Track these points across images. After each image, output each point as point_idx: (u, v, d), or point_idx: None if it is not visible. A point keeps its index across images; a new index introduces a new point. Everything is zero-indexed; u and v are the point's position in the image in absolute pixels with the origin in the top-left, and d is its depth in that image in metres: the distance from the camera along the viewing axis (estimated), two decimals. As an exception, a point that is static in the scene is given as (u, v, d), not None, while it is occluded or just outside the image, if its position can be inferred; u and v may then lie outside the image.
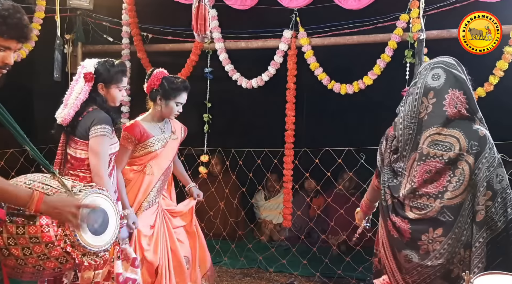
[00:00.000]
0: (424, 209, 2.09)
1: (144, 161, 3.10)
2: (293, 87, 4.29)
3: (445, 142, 2.08)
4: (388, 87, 4.05)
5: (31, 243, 1.90)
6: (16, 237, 1.90)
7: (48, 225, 1.91)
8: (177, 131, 3.26)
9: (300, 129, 4.13)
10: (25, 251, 1.91)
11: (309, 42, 4.19)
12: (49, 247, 1.91)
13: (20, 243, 1.91)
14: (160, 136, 3.13)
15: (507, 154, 3.60)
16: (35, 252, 1.92)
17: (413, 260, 2.12)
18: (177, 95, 3.09)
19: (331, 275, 4.36)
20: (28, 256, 1.92)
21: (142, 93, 3.27)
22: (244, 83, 4.47)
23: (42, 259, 1.94)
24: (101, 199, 2.10)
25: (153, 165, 3.11)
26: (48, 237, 1.91)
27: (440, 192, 2.07)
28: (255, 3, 4.20)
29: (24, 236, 1.90)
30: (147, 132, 3.07)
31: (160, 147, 3.11)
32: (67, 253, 1.94)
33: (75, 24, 4.84)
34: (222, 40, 4.49)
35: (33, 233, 1.90)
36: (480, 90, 3.55)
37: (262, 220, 5.79)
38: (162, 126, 3.17)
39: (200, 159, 4.51)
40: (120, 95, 2.83)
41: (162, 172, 3.14)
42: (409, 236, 2.12)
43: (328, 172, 4.28)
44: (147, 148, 3.08)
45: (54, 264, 1.97)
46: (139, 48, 4.80)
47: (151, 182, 3.11)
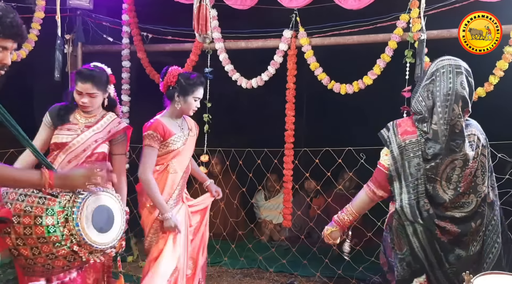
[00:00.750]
0: (467, 207, 2.26)
1: (166, 159, 3.10)
2: (293, 87, 4.29)
3: (471, 142, 2.25)
4: (388, 87, 4.05)
5: (39, 243, 1.92)
6: (24, 238, 1.92)
7: (54, 225, 1.92)
8: (193, 128, 3.28)
9: (300, 129, 4.13)
10: (33, 251, 1.93)
11: (309, 42, 4.19)
12: (56, 247, 1.93)
13: (29, 243, 1.93)
14: (180, 133, 3.14)
15: (507, 153, 3.61)
16: (43, 252, 1.94)
17: (462, 257, 2.25)
18: (194, 91, 3.10)
19: (331, 275, 4.36)
20: (37, 256, 1.94)
21: (142, 93, 3.27)
22: (244, 83, 4.47)
23: (51, 258, 1.96)
24: (106, 196, 2.11)
25: (176, 163, 3.12)
26: (55, 237, 1.92)
27: (472, 187, 2.26)
28: (255, 3, 4.20)
29: (32, 236, 1.92)
30: (169, 130, 3.08)
31: (181, 144, 3.13)
32: (74, 252, 1.96)
33: (75, 24, 4.83)
34: (222, 40, 4.49)
35: (40, 233, 1.92)
36: (480, 90, 3.55)
37: (262, 220, 5.80)
38: (181, 123, 3.19)
39: (200, 159, 4.51)
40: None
41: (184, 169, 3.16)
42: (458, 235, 2.24)
43: (328, 172, 4.28)
44: (169, 146, 3.07)
45: (62, 262, 1.99)
46: (139, 48, 4.80)
47: (175, 180, 3.12)
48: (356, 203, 2.51)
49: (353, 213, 2.52)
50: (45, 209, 1.94)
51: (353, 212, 2.51)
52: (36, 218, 1.93)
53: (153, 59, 4.86)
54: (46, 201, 1.96)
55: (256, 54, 4.65)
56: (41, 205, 1.95)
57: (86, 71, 2.84)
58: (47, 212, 1.94)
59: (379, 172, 2.38)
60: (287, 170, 4.35)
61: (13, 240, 1.92)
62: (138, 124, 3.26)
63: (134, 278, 4.34)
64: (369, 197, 2.44)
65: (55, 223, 1.92)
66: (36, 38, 4.44)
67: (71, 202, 1.97)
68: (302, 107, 5.79)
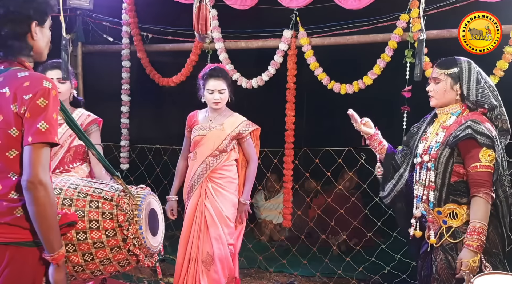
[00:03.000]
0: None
1: (193, 147, 3.39)
2: (293, 87, 4.29)
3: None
4: (388, 87, 4.05)
5: (93, 248, 1.85)
6: (76, 243, 1.83)
7: (113, 229, 1.86)
8: (226, 125, 3.34)
9: (300, 129, 4.13)
10: (86, 257, 1.85)
11: (309, 42, 4.19)
12: (114, 251, 1.87)
13: (81, 249, 1.84)
14: (205, 124, 3.35)
15: (507, 153, 3.60)
16: (97, 257, 1.86)
17: None
18: (205, 83, 3.30)
19: (331, 275, 4.36)
20: (89, 262, 1.86)
21: (142, 93, 3.28)
22: (244, 83, 4.47)
23: (104, 264, 1.89)
24: (153, 199, 2.09)
25: (198, 152, 3.35)
26: (114, 241, 1.86)
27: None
28: (255, 3, 4.20)
29: (86, 242, 1.84)
30: (197, 120, 3.40)
31: (200, 133, 3.32)
32: (134, 255, 1.90)
33: (75, 24, 4.84)
34: (222, 40, 4.49)
35: (97, 238, 1.84)
36: (480, 90, 3.55)
37: (262, 220, 5.80)
38: (214, 117, 3.37)
39: (200, 158, 4.50)
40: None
41: (202, 160, 3.31)
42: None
43: (328, 172, 4.28)
44: (193, 134, 3.37)
45: (114, 267, 1.93)
46: (139, 48, 4.80)
47: (192, 168, 3.36)
48: (484, 215, 2.31)
49: (484, 227, 2.30)
50: (100, 212, 1.87)
51: (483, 224, 2.30)
52: (91, 222, 1.85)
53: (153, 59, 4.87)
54: (100, 204, 1.89)
55: (256, 54, 4.65)
56: (95, 209, 1.87)
57: (51, 62, 3.08)
58: (104, 216, 1.86)
59: (490, 175, 2.34)
60: (287, 170, 4.35)
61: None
62: (138, 124, 3.28)
63: (134, 278, 4.34)
64: (490, 203, 2.34)
65: (115, 226, 1.86)
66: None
67: (130, 205, 1.90)
68: (302, 107, 5.78)
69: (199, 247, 3.30)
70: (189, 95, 3.77)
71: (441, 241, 2.41)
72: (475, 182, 2.33)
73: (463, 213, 2.37)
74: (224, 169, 3.36)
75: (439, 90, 2.51)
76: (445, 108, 2.54)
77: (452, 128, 2.43)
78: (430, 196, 2.44)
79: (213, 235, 3.29)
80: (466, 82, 2.46)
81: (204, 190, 3.32)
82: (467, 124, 2.36)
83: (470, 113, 2.46)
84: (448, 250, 2.38)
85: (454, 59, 2.53)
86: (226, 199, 3.34)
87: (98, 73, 5.12)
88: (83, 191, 1.92)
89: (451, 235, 2.38)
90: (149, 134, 5.98)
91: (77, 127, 1.92)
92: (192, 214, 3.33)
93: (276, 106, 4.61)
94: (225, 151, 3.32)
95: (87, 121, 3.09)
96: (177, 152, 4.77)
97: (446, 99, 2.51)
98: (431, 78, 2.55)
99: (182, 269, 3.35)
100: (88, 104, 4.86)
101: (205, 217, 3.30)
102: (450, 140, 2.39)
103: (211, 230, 3.29)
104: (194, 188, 3.34)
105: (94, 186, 1.97)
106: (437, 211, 2.42)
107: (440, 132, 2.49)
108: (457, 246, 2.36)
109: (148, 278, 4.38)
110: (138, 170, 4.82)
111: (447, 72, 2.49)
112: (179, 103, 6.32)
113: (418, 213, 2.53)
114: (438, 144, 2.44)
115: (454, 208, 2.39)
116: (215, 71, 3.32)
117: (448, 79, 2.48)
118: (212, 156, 3.31)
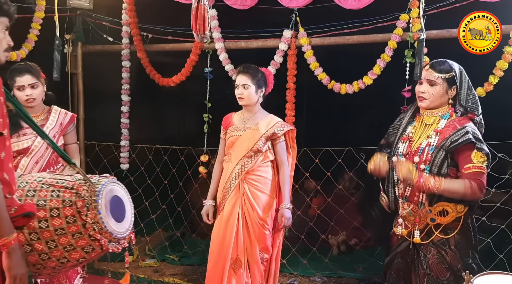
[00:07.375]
0: None
1: (227, 149, 3.38)
2: (293, 87, 4.29)
3: None
4: (388, 87, 4.05)
5: (56, 235, 1.90)
6: (39, 231, 1.89)
7: (73, 215, 1.92)
8: (261, 126, 3.32)
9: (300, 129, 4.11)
10: (49, 244, 1.91)
11: (309, 42, 4.19)
12: (76, 237, 1.92)
13: (44, 237, 1.90)
14: (240, 125, 3.36)
15: (507, 153, 3.60)
16: (60, 244, 1.92)
17: None
18: (236, 79, 3.34)
19: (331, 275, 4.36)
20: (53, 249, 1.92)
21: (142, 93, 3.28)
22: (244, 83, 4.46)
23: (68, 250, 1.94)
24: (117, 187, 2.13)
25: (232, 153, 3.33)
26: (75, 227, 1.91)
27: None
28: (255, 3, 4.20)
29: (48, 229, 1.90)
30: (232, 121, 3.42)
31: (234, 134, 3.32)
32: (96, 241, 1.95)
33: (75, 24, 4.83)
34: (222, 40, 4.49)
35: (58, 225, 1.90)
36: (480, 90, 3.55)
37: (262, 220, 5.79)
38: (249, 118, 3.37)
39: (200, 158, 4.51)
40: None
41: (237, 161, 3.28)
42: None
43: (328, 172, 4.28)
44: (228, 135, 3.39)
45: (79, 254, 1.97)
46: (139, 48, 4.80)
47: (227, 169, 3.33)
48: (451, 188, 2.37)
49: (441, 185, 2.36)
50: (61, 200, 1.93)
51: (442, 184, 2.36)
52: (52, 210, 1.91)
53: (153, 59, 4.86)
54: (60, 193, 1.96)
55: (256, 54, 4.64)
56: (55, 198, 1.94)
57: (19, 65, 3.08)
58: (64, 203, 1.93)
59: (482, 175, 2.39)
60: (287, 170, 4.33)
61: (26, 235, 1.89)
62: (138, 124, 3.28)
63: (134, 278, 4.34)
64: (466, 184, 2.36)
65: (75, 212, 1.91)
66: (36, 38, 4.43)
67: (89, 191, 1.96)
68: (302, 107, 5.78)
69: (238, 249, 3.24)
70: (189, 95, 3.77)
71: (430, 238, 2.47)
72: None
73: (454, 210, 2.43)
74: (260, 170, 3.29)
75: (435, 94, 2.52)
76: (433, 111, 2.57)
77: (447, 132, 2.46)
78: (422, 197, 2.47)
79: (248, 239, 3.27)
80: (459, 87, 2.52)
81: (241, 193, 3.26)
82: (466, 130, 2.41)
83: (461, 118, 2.51)
84: (441, 246, 2.46)
85: (448, 63, 2.56)
86: (262, 201, 3.28)
87: (98, 73, 5.12)
88: (47, 182, 2.00)
89: (442, 231, 2.46)
90: (149, 134, 5.98)
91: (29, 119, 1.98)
92: (229, 216, 3.25)
93: (276, 106, 4.61)
94: (260, 151, 3.27)
95: (66, 120, 3.16)
96: (177, 151, 4.79)
97: (439, 102, 2.55)
98: (426, 79, 2.56)
99: (216, 272, 3.23)
100: (88, 104, 4.90)
101: (244, 219, 3.25)
102: (447, 145, 2.42)
103: (245, 232, 3.27)
104: (230, 189, 3.28)
105: (58, 177, 2.04)
106: (427, 210, 2.45)
107: (432, 135, 2.50)
108: (449, 240, 2.44)
109: (148, 278, 4.39)
110: (138, 170, 4.82)
111: (444, 77, 2.51)
112: (179, 103, 6.33)
113: (405, 213, 2.55)
114: (433, 147, 2.46)
115: (445, 205, 2.45)
116: (242, 66, 3.36)
117: (445, 83, 2.52)
118: (247, 156, 3.27)
